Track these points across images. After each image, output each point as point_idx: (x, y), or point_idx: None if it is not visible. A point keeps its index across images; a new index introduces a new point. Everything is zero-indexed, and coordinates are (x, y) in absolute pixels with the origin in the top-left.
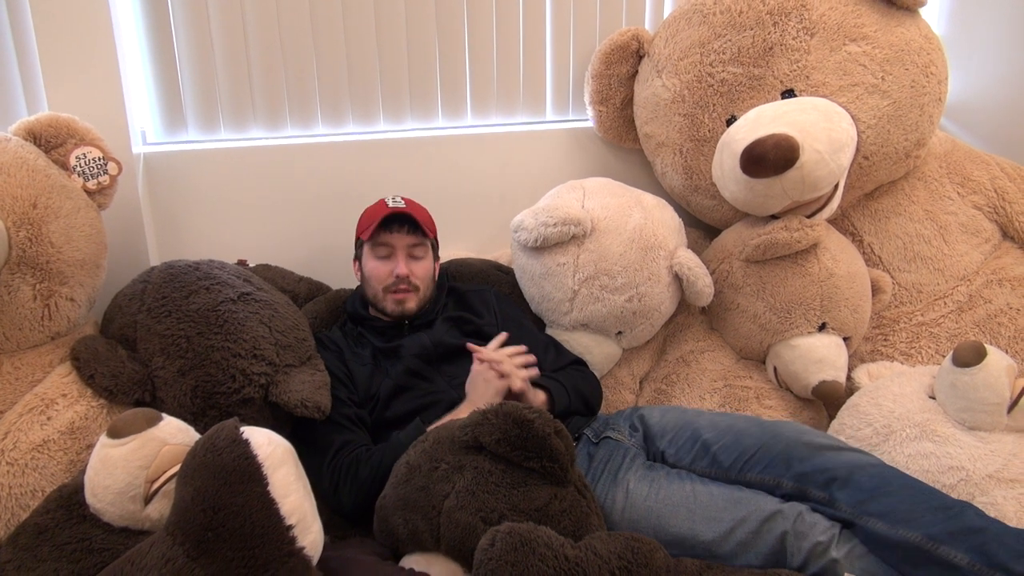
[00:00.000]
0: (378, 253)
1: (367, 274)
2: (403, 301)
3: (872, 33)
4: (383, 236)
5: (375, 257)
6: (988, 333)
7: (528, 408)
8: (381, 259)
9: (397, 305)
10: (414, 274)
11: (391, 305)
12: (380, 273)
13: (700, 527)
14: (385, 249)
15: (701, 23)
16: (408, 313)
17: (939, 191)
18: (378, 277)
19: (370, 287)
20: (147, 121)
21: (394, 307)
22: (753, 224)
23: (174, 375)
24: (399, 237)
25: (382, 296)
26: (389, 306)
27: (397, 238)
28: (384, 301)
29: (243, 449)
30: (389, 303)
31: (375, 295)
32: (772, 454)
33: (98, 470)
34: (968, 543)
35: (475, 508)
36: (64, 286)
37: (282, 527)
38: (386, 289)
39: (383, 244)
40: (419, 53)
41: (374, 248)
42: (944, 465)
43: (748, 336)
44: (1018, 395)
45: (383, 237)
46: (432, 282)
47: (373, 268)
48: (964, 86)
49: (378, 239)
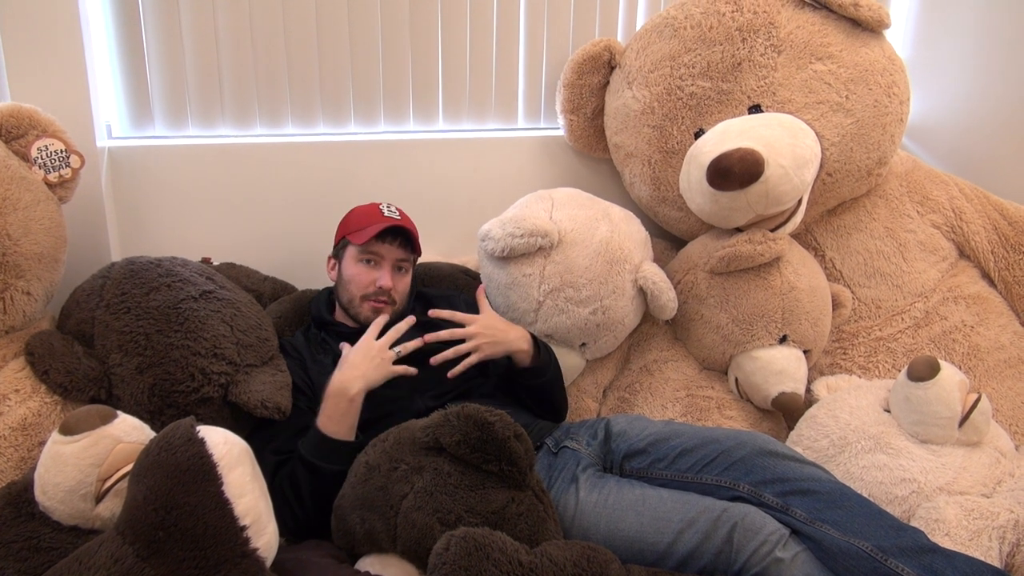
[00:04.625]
0: (364, 258)
1: (347, 277)
2: (379, 311)
3: (838, 53)
4: (375, 246)
5: (360, 262)
6: (943, 349)
7: (489, 411)
8: (366, 265)
9: (373, 315)
10: (396, 289)
11: (366, 313)
12: (362, 280)
13: (649, 529)
14: (374, 258)
15: (672, 37)
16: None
17: (899, 209)
18: (359, 283)
19: (347, 291)
20: (113, 115)
21: (369, 315)
22: (718, 236)
23: (132, 372)
24: (390, 249)
25: (358, 302)
26: (364, 313)
27: (388, 250)
28: (360, 307)
29: (198, 448)
30: (365, 310)
31: (351, 300)
32: (732, 459)
33: (49, 467)
34: (918, 561)
35: (432, 509)
36: (20, 279)
37: (236, 528)
38: (365, 297)
39: (373, 253)
40: (392, 55)
41: (362, 254)
42: (897, 477)
43: (711, 347)
44: (969, 410)
45: (375, 247)
46: (408, 297)
47: (356, 273)
48: (925, 107)
49: (370, 247)
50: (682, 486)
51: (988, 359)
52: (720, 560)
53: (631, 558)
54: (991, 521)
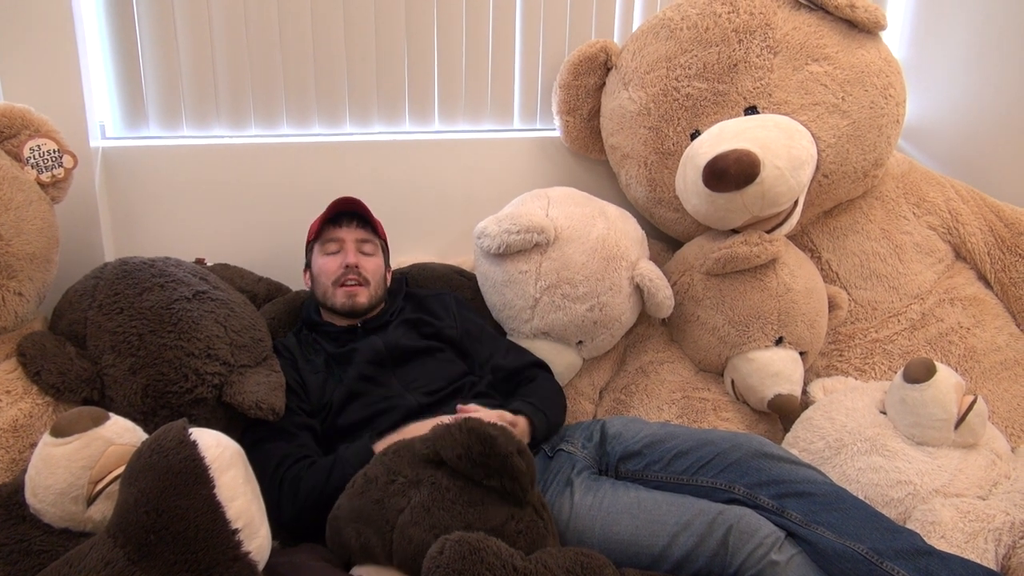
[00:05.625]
0: (327, 249)
1: (316, 272)
2: (353, 295)
3: (834, 54)
4: (331, 231)
5: (324, 254)
6: (939, 351)
7: (492, 425)
8: (330, 255)
9: (348, 298)
10: (364, 267)
11: (341, 298)
12: (329, 267)
13: (644, 532)
14: (334, 244)
15: (668, 38)
16: (359, 307)
17: (896, 211)
18: (327, 272)
19: (320, 285)
20: (107, 115)
21: (344, 300)
22: (714, 238)
23: (124, 373)
24: (348, 231)
25: (332, 291)
26: (339, 299)
27: (346, 231)
28: (334, 296)
29: (190, 451)
30: (339, 296)
31: (324, 292)
32: (728, 461)
33: (40, 469)
34: (913, 563)
35: (429, 525)
36: (12, 280)
37: (227, 531)
38: (335, 283)
39: (332, 240)
40: (388, 56)
41: (323, 245)
42: (893, 479)
43: (707, 348)
44: (965, 411)
45: (331, 232)
46: (383, 284)
47: (322, 264)
48: (921, 109)
49: (327, 235)
50: (678, 488)
51: (984, 361)
52: (715, 563)
53: (626, 561)
54: (987, 523)
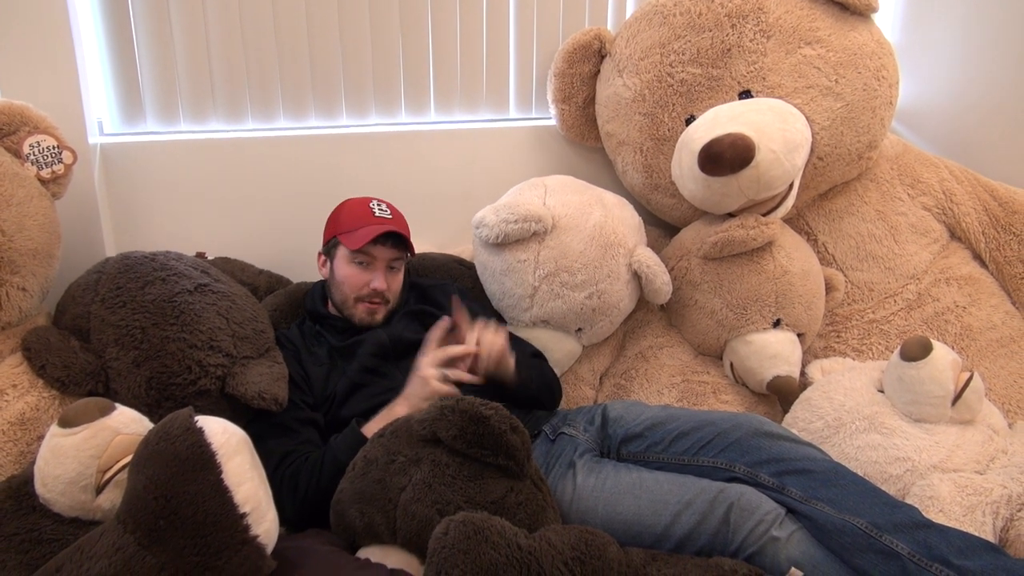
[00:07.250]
0: (357, 260)
1: (340, 278)
2: (374, 312)
3: (826, 37)
4: (368, 248)
5: (353, 263)
6: (936, 330)
7: (485, 404)
8: (359, 267)
9: (368, 315)
10: (390, 289)
11: (360, 314)
12: (356, 282)
13: (646, 512)
14: (366, 259)
15: (661, 24)
16: (376, 324)
17: (890, 192)
18: (352, 285)
19: (340, 292)
20: (104, 111)
21: (363, 316)
22: (711, 222)
23: (128, 366)
24: (383, 251)
25: (352, 303)
26: (358, 315)
27: (381, 251)
28: (353, 308)
29: (197, 437)
30: (359, 312)
31: (344, 300)
32: (728, 441)
33: (48, 460)
34: (912, 536)
35: (431, 501)
36: (16, 275)
37: (236, 515)
38: (359, 299)
39: (366, 255)
40: (383, 48)
41: (354, 255)
42: (891, 456)
43: (705, 332)
44: (962, 388)
45: (368, 249)
46: (400, 293)
47: (349, 275)
48: (914, 91)
49: (362, 250)
50: (679, 469)
51: (980, 339)
52: (717, 540)
53: (629, 541)
54: (985, 497)
